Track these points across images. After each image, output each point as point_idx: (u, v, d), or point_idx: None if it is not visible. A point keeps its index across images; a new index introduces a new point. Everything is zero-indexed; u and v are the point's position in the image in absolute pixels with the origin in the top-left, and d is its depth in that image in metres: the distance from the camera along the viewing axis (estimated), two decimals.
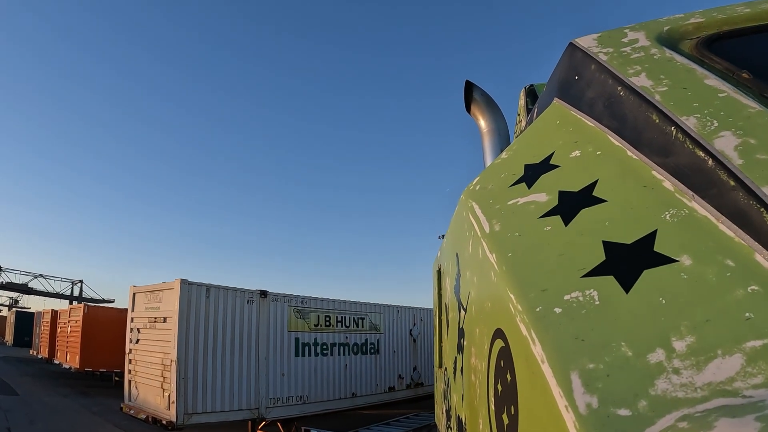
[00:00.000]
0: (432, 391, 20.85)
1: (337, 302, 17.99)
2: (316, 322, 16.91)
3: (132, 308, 15.11)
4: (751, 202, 1.14)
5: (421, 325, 21.73)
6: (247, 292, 14.83)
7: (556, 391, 1.01)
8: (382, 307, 19.92)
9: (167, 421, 12.56)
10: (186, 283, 13.23)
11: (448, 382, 3.35)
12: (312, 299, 17.02)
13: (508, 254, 1.55)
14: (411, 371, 20.75)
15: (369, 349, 18.89)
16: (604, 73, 1.89)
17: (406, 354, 20.72)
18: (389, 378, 19.67)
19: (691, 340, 0.98)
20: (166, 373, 12.92)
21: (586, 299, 1.19)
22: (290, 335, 15.88)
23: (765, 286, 1.02)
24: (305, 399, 15.95)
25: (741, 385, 0.85)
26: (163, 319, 13.56)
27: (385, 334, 19.77)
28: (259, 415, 14.37)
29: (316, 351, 16.70)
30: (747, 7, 1.95)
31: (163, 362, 13.09)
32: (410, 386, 20.59)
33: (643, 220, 1.34)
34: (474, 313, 2.08)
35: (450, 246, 3.11)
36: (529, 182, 1.86)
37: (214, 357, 13.46)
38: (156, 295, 14.23)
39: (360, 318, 18.71)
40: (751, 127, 1.31)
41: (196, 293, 13.40)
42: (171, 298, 13.38)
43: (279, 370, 15.29)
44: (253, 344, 14.63)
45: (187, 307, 13.07)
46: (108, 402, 18.97)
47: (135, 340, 14.69)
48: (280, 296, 15.88)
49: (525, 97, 4.47)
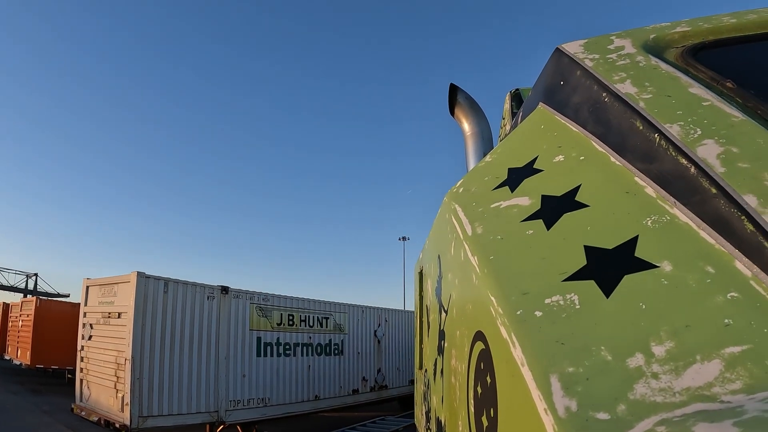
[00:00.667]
0: (396, 394, 21.03)
1: (301, 300, 17.53)
2: (279, 320, 16.43)
3: (85, 302, 14.30)
4: (732, 210, 1.16)
5: (386, 326, 21.53)
6: (207, 288, 14.24)
7: (535, 393, 1.01)
8: (346, 306, 19.55)
9: (120, 424, 11.85)
10: (143, 277, 12.52)
11: (428, 384, 3.38)
12: (275, 297, 16.52)
13: (489, 257, 1.56)
14: (375, 373, 20.49)
15: (333, 350, 18.50)
16: (589, 79, 1.92)
17: (371, 356, 20.43)
18: (353, 380, 19.32)
19: (670, 345, 0.99)
20: (120, 373, 12.21)
21: (567, 303, 1.20)
22: (252, 334, 15.37)
23: (744, 293, 1.04)
24: (267, 401, 15.46)
25: (719, 390, 0.87)
26: (117, 315, 12.84)
27: (350, 335, 19.42)
28: (218, 418, 13.82)
29: (279, 351, 16.23)
30: (733, 17, 2.01)
31: (117, 361, 12.38)
32: (374, 389, 20.33)
33: (624, 225, 1.36)
34: (455, 315, 2.10)
35: (432, 248, 3.13)
36: (512, 186, 1.88)
37: (171, 356, 12.83)
38: (110, 289, 13.48)
39: (324, 318, 18.31)
40: (734, 135, 1.33)
41: (153, 287, 12.72)
42: (126, 292, 12.62)
43: (240, 371, 14.77)
44: (213, 343, 14.07)
45: (143, 302, 12.39)
46: (60, 401, 18.22)
47: (87, 336, 13.89)
48: (242, 293, 15.36)
49: (510, 101, 4.56)
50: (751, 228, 1.10)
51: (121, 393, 12.07)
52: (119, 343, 12.44)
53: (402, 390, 21.85)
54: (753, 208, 1.12)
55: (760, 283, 1.05)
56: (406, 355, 22.52)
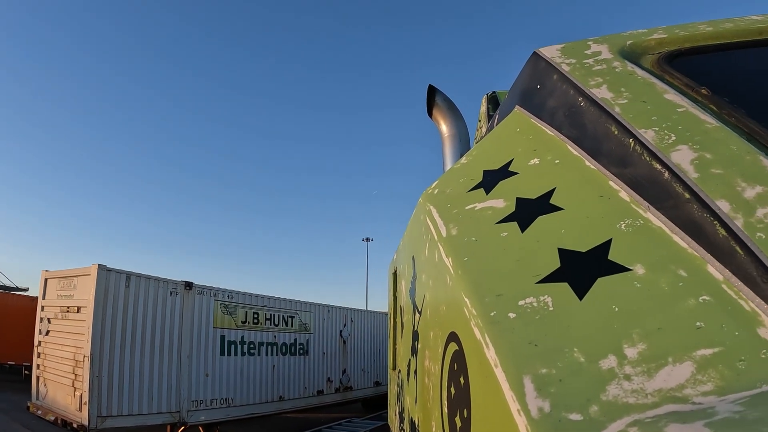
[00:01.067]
0: (361, 396, 21.00)
1: (267, 298, 17.20)
2: (244, 318, 16.10)
3: (43, 296, 13.73)
4: (705, 215, 1.18)
5: (351, 326, 21.40)
6: (170, 283, 13.80)
7: (508, 395, 1.01)
8: (312, 305, 19.29)
9: (78, 424, 11.37)
10: (104, 270, 11.99)
11: (401, 384, 3.38)
12: (240, 294, 16.17)
13: (464, 259, 1.56)
14: (340, 374, 20.34)
15: (298, 349, 18.24)
16: (565, 84, 1.93)
17: (336, 356, 20.27)
18: (318, 381, 19.10)
19: (642, 347, 1.00)
20: (78, 370, 11.73)
21: (541, 305, 1.21)
22: (216, 332, 15.00)
23: (716, 297, 1.06)
24: (230, 402, 15.14)
25: (691, 392, 0.88)
26: (76, 309, 12.31)
27: (315, 335, 19.18)
28: (180, 419, 13.44)
29: (243, 350, 15.91)
30: (709, 25, 2.05)
31: (76, 358, 11.89)
32: (339, 390, 20.17)
33: (598, 228, 1.37)
34: (429, 316, 2.10)
35: (407, 249, 3.13)
36: (487, 188, 1.88)
37: (132, 354, 12.39)
38: (70, 282, 12.91)
39: (290, 316, 18.03)
40: (708, 142, 1.36)
41: (114, 281, 12.23)
42: (86, 285, 12.05)
43: (203, 370, 14.40)
44: (175, 341, 13.66)
45: (104, 296, 11.90)
46: (16, 398, 17.49)
47: (45, 331, 13.35)
48: (207, 289, 14.98)
49: (487, 103, 4.60)
50: (723, 233, 1.12)
51: (79, 391, 11.62)
52: (78, 339, 11.95)
53: (366, 392, 21.82)
54: (725, 213, 1.13)
55: (732, 287, 1.07)
56: (371, 356, 22.49)
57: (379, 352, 23.04)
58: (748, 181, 1.19)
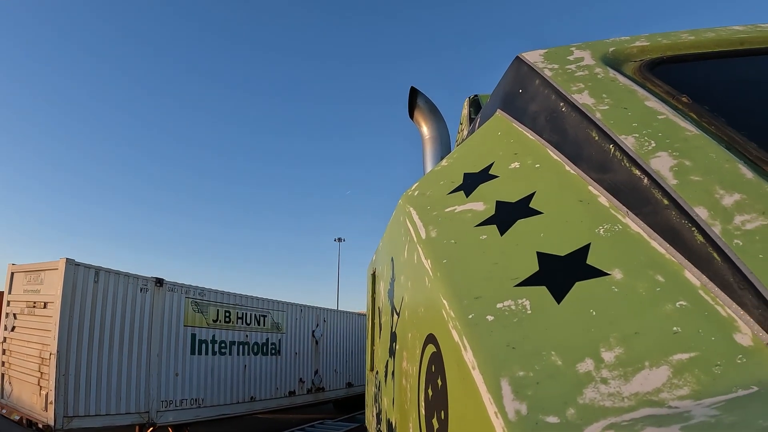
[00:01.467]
0: (333, 397, 20.95)
1: (239, 297, 16.94)
2: (215, 317, 15.81)
3: (9, 290, 13.26)
4: (683, 221, 1.19)
5: (324, 326, 21.26)
6: (140, 279, 13.49)
7: (486, 397, 1.02)
8: (284, 305, 19.07)
9: (44, 424, 11.01)
10: (72, 264, 11.68)
11: (379, 386, 3.37)
12: (212, 292, 15.88)
13: (443, 261, 1.56)
14: (312, 375, 20.18)
15: (270, 349, 18.01)
16: (547, 89, 1.95)
17: (308, 356, 20.10)
18: (290, 381, 18.91)
19: (619, 351, 1.01)
20: (45, 368, 11.36)
21: (519, 308, 1.21)
22: (186, 330, 14.68)
23: (693, 302, 1.07)
24: (200, 402, 14.87)
25: (667, 395, 0.89)
26: (43, 305, 11.91)
27: (287, 335, 18.97)
28: (149, 420, 13.14)
29: (214, 349, 15.63)
30: (691, 34, 2.07)
31: (42, 355, 11.50)
32: (311, 391, 20.01)
33: (577, 233, 1.38)
34: (407, 317, 2.10)
35: (386, 250, 3.13)
36: (467, 191, 1.89)
37: (100, 351, 12.04)
38: (37, 276, 12.49)
39: (262, 315, 17.79)
40: (687, 149, 1.37)
41: (83, 276, 11.87)
42: (54, 280, 11.73)
43: (173, 370, 14.10)
44: (145, 339, 13.33)
45: (71, 291, 11.54)
46: None
47: (11, 327, 12.89)
48: (177, 286, 14.65)
49: (468, 106, 4.65)
50: (701, 239, 1.13)
51: (45, 390, 11.27)
52: (44, 335, 11.59)
53: (339, 392, 21.74)
54: (703, 219, 1.15)
55: (709, 292, 1.08)
56: (343, 356, 22.42)
57: (351, 353, 22.99)
58: (726, 188, 1.21)
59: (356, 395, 22.36)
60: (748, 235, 1.08)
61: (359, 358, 23.38)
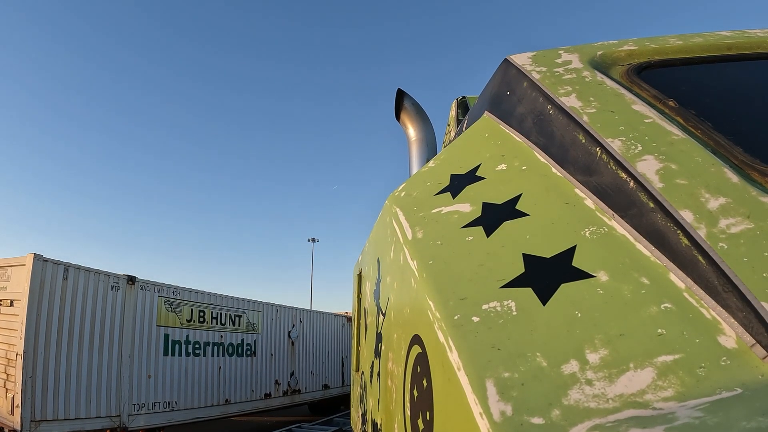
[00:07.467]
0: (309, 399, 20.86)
1: (213, 296, 16.59)
2: (189, 317, 15.46)
3: None
4: (668, 224, 1.20)
5: (300, 327, 21.04)
6: (112, 277, 13.06)
7: (471, 398, 1.02)
8: (260, 304, 18.78)
9: (10, 429, 10.62)
10: (40, 260, 11.25)
11: (364, 386, 3.39)
12: (185, 290, 15.52)
13: (429, 262, 1.56)
14: (288, 377, 19.97)
15: (245, 350, 17.73)
16: (535, 91, 1.96)
17: (284, 358, 19.86)
18: (266, 383, 18.64)
19: (604, 352, 1.01)
20: (11, 370, 10.93)
21: (504, 309, 1.22)
22: (159, 330, 14.32)
23: (678, 305, 1.08)
24: (173, 405, 14.53)
25: (651, 397, 0.89)
26: (9, 303, 11.43)
27: (263, 335, 18.68)
28: (120, 424, 12.74)
29: (188, 350, 15.28)
30: (679, 39, 2.10)
31: (8, 356, 11.06)
32: (287, 393, 19.77)
33: (563, 235, 1.39)
34: (393, 318, 2.10)
35: (372, 250, 3.14)
36: (454, 192, 1.90)
37: (69, 352, 11.65)
38: (3, 273, 11.98)
39: (237, 315, 17.47)
40: (674, 153, 1.39)
41: (51, 273, 11.42)
42: (20, 276, 11.28)
43: (145, 371, 13.73)
44: (116, 339, 12.92)
45: (39, 289, 11.11)
46: None
47: None
48: (150, 284, 14.28)
49: (456, 108, 4.66)
50: (686, 242, 1.14)
51: (11, 393, 10.85)
52: (10, 335, 11.16)
53: (315, 395, 21.61)
54: (689, 223, 1.16)
55: (693, 295, 1.09)
56: (320, 358, 22.30)
57: (328, 355, 22.89)
58: (711, 192, 1.22)
59: (332, 397, 22.29)
60: (733, 239, 1.09)
61: (336, 359, 23.30)
